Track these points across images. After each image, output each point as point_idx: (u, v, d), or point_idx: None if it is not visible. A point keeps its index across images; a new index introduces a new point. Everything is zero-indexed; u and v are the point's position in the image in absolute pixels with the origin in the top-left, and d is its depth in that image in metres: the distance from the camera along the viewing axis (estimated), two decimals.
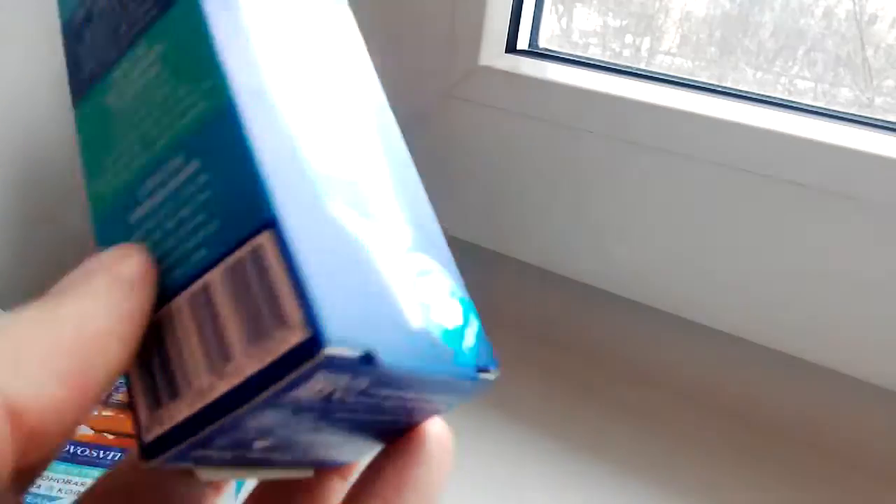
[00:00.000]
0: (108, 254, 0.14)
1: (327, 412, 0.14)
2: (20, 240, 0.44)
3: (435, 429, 0.16)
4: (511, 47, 0.46)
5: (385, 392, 0.14)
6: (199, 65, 0.14)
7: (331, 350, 0.12)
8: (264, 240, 0.13)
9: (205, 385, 0.13)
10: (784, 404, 0.42)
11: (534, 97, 0.42)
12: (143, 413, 0.14)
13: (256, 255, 0.13)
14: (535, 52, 0.47)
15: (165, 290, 0.14)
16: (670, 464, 0.39)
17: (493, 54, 0.45)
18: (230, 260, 0.13)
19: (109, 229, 0.15)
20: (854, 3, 0.39)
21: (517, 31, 0.46)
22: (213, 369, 0.13)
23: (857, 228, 0.36)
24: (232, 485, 0.19)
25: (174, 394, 0.13)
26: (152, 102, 0.15)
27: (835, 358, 0.38)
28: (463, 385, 0.15)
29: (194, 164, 0.14)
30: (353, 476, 0.18)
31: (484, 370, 0.16)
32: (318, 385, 0.13)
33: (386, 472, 0.15)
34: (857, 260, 0.36)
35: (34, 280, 0.45)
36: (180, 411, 0.13)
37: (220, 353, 0.13)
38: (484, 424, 0.40)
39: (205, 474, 0.14)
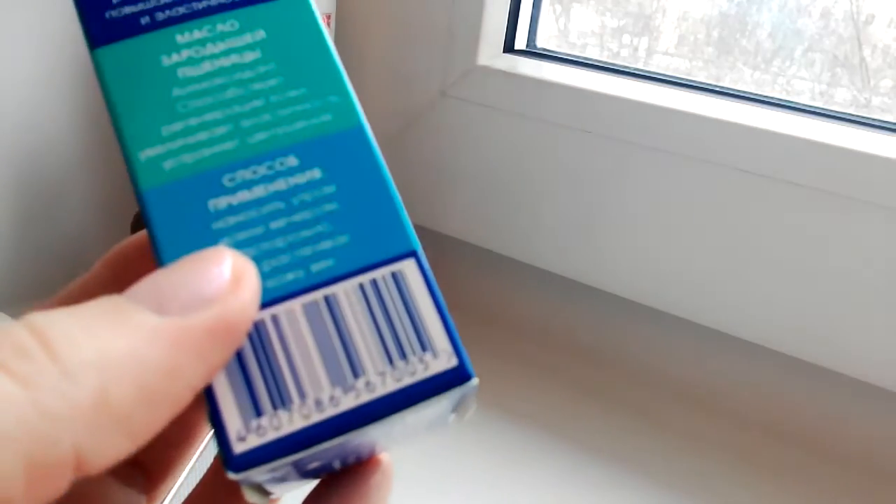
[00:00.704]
0: (218, 278, 0.12)
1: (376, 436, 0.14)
2: (18, 239, 0.44)
3: (385, 461, 0.16)
4: (509, 47, 0.46)
5: (425, 422, 0.15)
6: (319, 74, 0.14)
7: (475, 381, 0.13)
8: (407, 267, 0.13)
9: (324, 397, 0.13)
10: (783, 404, 0.42)
11: (531, 97, 0.42)
12: (232, 419, 0.12)
13: (398, 280, 0.13)
14: (532, 52, 0.47)
15: (266, 292, 0.13)
16: (669, 464, 0.39)
17: (490, 54, 0.45)
18: (364, 277, 0.13)
19: (176, 207, 0.14)
20: (851, 4, 0.40)
21: (515, 30, 0.46)
22: (337, 382, 0.13)
23: (856, 228, 0.36)
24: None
25: (281, 402, 0.12)
26: (247, 88, 0.14)
27: (834, 358, 0.38)
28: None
29: (315, 172, 0.14)
30: None
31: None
32: (435, 409, 0.13)
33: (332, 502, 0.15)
34: (856, 260, 0.36)
35: (32, 279, 0.44)
36: (291, 422, 0.12)
37: (347, 367, 0.13)
38: (483, 425, 0.40)
39: (251, 497, 0.13)
